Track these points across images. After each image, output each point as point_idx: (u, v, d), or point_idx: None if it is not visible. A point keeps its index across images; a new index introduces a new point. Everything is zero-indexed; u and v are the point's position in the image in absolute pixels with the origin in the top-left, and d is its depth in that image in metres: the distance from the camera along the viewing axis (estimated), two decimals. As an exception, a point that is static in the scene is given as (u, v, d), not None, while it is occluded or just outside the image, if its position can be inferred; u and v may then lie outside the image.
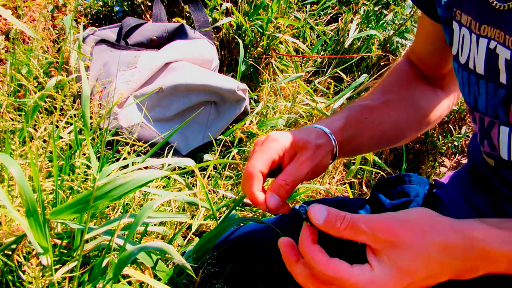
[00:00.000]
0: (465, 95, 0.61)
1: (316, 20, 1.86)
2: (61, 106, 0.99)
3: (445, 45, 0.66)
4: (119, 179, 0.60)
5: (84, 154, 0.89)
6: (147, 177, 0.60)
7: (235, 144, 1.30)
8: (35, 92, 1.00)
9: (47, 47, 1.29)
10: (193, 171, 1.16)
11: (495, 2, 0.52)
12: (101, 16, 1.57)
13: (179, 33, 1.36)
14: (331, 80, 1.69)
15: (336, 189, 1.39)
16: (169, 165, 1.08)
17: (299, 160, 0.58)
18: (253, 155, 0.58)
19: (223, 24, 1.51)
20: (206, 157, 1.26)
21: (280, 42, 1.61)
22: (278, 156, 0.58)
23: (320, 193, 1.35)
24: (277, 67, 1.58)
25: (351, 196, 1.33)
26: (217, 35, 1.56)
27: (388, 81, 0.77)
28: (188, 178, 1.21)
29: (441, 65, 0.74)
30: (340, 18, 1.84)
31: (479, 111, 0.58)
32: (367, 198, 0.79)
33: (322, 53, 1.77)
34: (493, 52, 0.53)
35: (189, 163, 0.71)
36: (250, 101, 1.41)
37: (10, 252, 0.66)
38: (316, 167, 0.59)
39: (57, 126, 0.92)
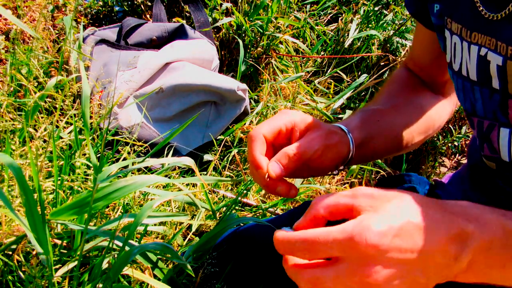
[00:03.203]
0: (461, 101, 0.61)
1: (316, 20, 1.86)
2: (61, 106, 0.99)
3: (443, 53, 0.67)
4: (120, 182, 0.60)
5: (84, 154, 0.89)
6: (147, 181, 0.60)
7: (235, 144, 1.30)
8: (35, 92, 1.00)
9: (47, 47, 1.29)
10: (193, 171, 1.17)
11: (484, 11, 0.53)
12: (101, 16, 1.57)
13: (179, 33, 1.36)
14: (331, 80, 1.69)
15: (336, 189, 1.39)
16: (169, 165, 1.08)
17: (310, 136, 0.57)
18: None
19: (223, 24, 1.51)
20: (206, 157, 1.26)
21: (280, 42, 1.61)
22: (286, 127, 0.57)
23: (320, 193, 1.35)
24: (277, 67, 1.58)
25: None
26: (217, 35, 1.56)
27: (392, 87, 0.77)
28: (188, 177, 1.21)
29: (440, 72, 0.75)
30: (340, 18, 1.84)
31: (478, 115, 0.58)
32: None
33: (322, 53, 1.77)
34: (484, 58, 0.53)
35: (189, 162, 0.71)
36: (250, 101, 1.41)
37: (10, 252, 0.66)
38: (328, 148, 0.57)
39: (57, 126, 0.92)
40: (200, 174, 0.73)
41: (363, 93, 1.69)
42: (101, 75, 1.16)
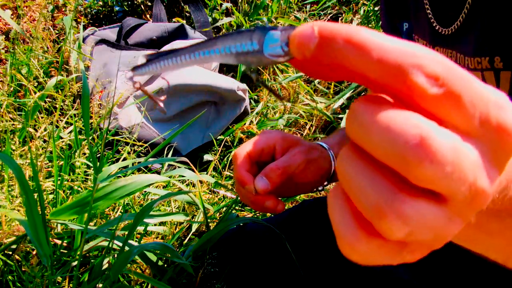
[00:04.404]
0: None
1: (316, 20, 1.86)
2: (61, 106, 0.99)
3: None
4: (120, 181, 0.60)
5: (84, 154, 0.89)
6: (147, 181, 0.60)
7: (235, 144, 1.30)
8: (35, 92, 1.00)
9: (47, 47, 1.29)
10: (193, 172, 1.16)
11: (438, 27, 0.55)
12: (101, 16, 1.57)
13: (179, 33, 1.36)
14: (331, 80, 1.69)
15: (336, 189, 1.39)
16: (169, 165, 1.08)
17: (292, 152, 0.59)
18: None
19: (223, 24, 1.51)
20: (206, 157, 1.26)
21: (280, 42, 1.61)
22: (268, 146, 0.59)
23: (319, 193, 1.35)
24: (277, 67, 1.58)
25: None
26: (217, 35, 1.56)
27: None
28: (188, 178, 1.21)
29: None
30: (340, 18, 1.84)
31: None
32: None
33: (322, 53, 1.77)
34: None
35: (189, 174, 0.72)
36: (250, 101, 1.41)
37: (10, 252, 0.66)
38: (310, 162, 0.60)
39: (57, 126, 0.92)
40: (200, 174, 0.73)
41: (363, 93, 1.69)
42: (101, 75, 1.16)
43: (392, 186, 0.21)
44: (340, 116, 1.56)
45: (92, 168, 0.89)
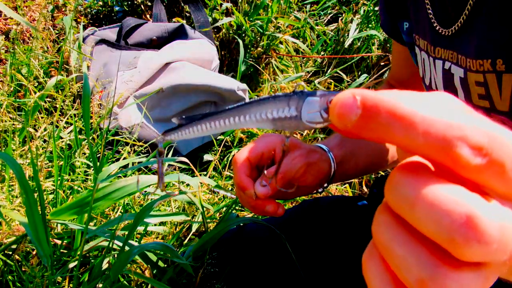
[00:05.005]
0: None
1: (316, 20, 1.86)
2: (61, 106, 0.99)
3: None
4: (120, 181, 0.60)
5: (84, 154, 0.89)
6: (147, 181, 0.60)
7: (235, 144, 1.30)
8: (35, 92, 1.00)
9: (47, 47, 1.29)
10: (193, 172, 1.16)
11: (438, 27, 0.55)
12: (101, 16, 1.57)
13: (179, 33, 1.36)
14: (331, 80, 1.69)
15: (336, 189, 1.39)
16: (169, 165, 1.08)
17: (292, 155, 0.59)
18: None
19: (223, 24, 1.51)
20: (206, 157, 1.26)
21: (280, 42, 1.61)
22: (268, 149, 0.59)
23: (319, 193, 1.34)
24: (277, 67, 1.58)
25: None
26: (217, 35, 1.56)
27: None
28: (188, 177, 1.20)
29: (419, 86, 0.77)
30: (340, 18, 1.84)
31: None
32: (366, 197, 0.80)
33: (322, 53, 1.77)
34: (448, 72, 0.55)
35: (187, 178, 0.72)
36: (250, 101, 1.41)
37: (10, 252, 0.66)
38: (310, 165, 0.60)
39: (57, 126, 0.92)
40: (200, 174, 0.73)
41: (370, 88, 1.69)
42: (101, 75, 1.16)
43: (435, 258, 0.20)
44: (340, 116, 1.56)
45: (92, 168, 0.89)
